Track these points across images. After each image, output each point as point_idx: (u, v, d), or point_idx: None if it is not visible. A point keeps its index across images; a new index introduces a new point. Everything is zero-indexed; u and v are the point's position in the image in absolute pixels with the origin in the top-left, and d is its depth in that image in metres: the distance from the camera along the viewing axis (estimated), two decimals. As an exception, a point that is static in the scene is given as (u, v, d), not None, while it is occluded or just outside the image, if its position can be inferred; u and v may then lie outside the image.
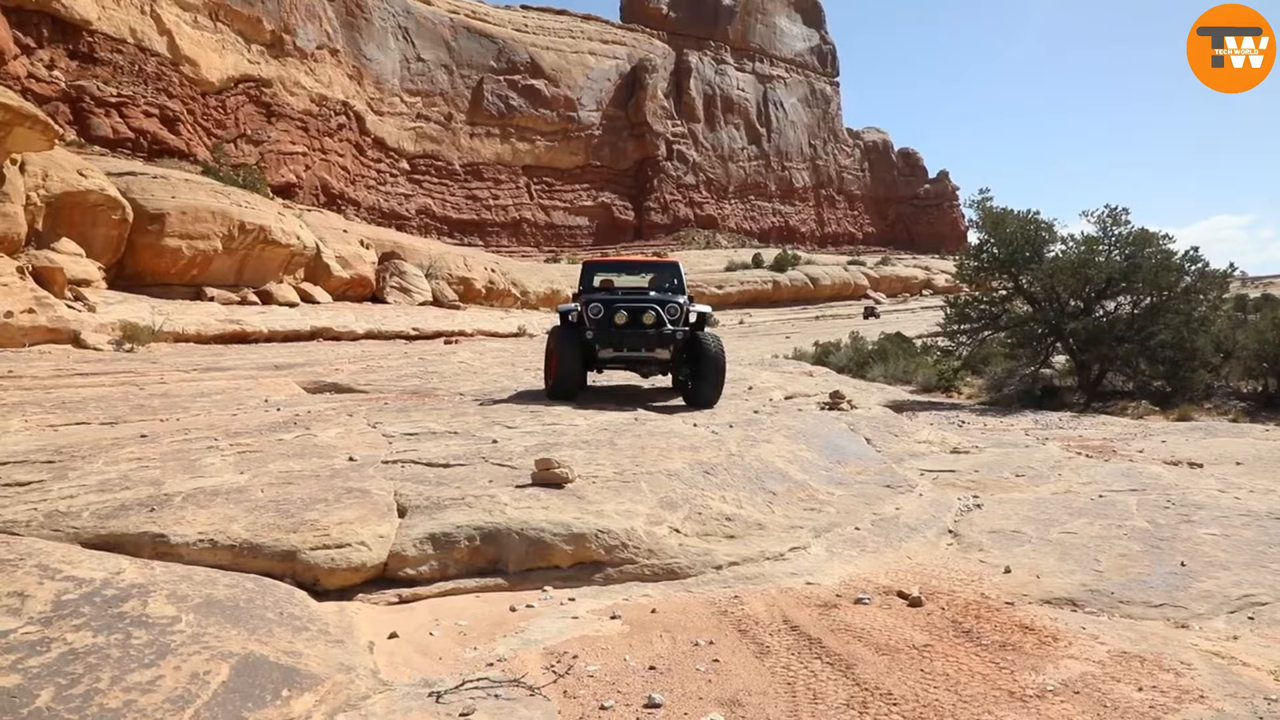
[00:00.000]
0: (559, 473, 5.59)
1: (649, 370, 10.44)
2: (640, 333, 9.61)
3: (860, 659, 3.64)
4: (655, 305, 9.75)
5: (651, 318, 9.64)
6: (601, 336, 9.60)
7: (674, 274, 11.37)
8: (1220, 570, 4.96)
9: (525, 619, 4.27)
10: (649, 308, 9.71)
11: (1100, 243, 16.51)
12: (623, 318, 9.60)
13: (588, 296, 10.04)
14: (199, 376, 11.53)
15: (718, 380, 9.87)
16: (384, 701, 3.31)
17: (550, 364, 10.22)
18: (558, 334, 10.01)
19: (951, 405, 16.14)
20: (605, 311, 9.64)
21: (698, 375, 9.90)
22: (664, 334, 9.61)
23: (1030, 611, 4.37)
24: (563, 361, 9.76)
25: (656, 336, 9.63)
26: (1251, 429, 11.31)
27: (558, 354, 9.83)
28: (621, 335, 9.59)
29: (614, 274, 12.06)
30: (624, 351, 9.75)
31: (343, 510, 5.00)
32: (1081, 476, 7.56)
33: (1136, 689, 3.33)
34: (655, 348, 9.73)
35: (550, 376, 10.21)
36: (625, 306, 9.68)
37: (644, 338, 9.64)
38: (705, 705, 3.21)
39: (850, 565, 5.24)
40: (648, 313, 9.66)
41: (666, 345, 9.71)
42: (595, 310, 9.63)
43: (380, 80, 70.70)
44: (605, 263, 13.16)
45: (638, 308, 9.72)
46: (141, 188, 23.62)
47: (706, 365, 9.71)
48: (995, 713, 3.10)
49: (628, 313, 9.63)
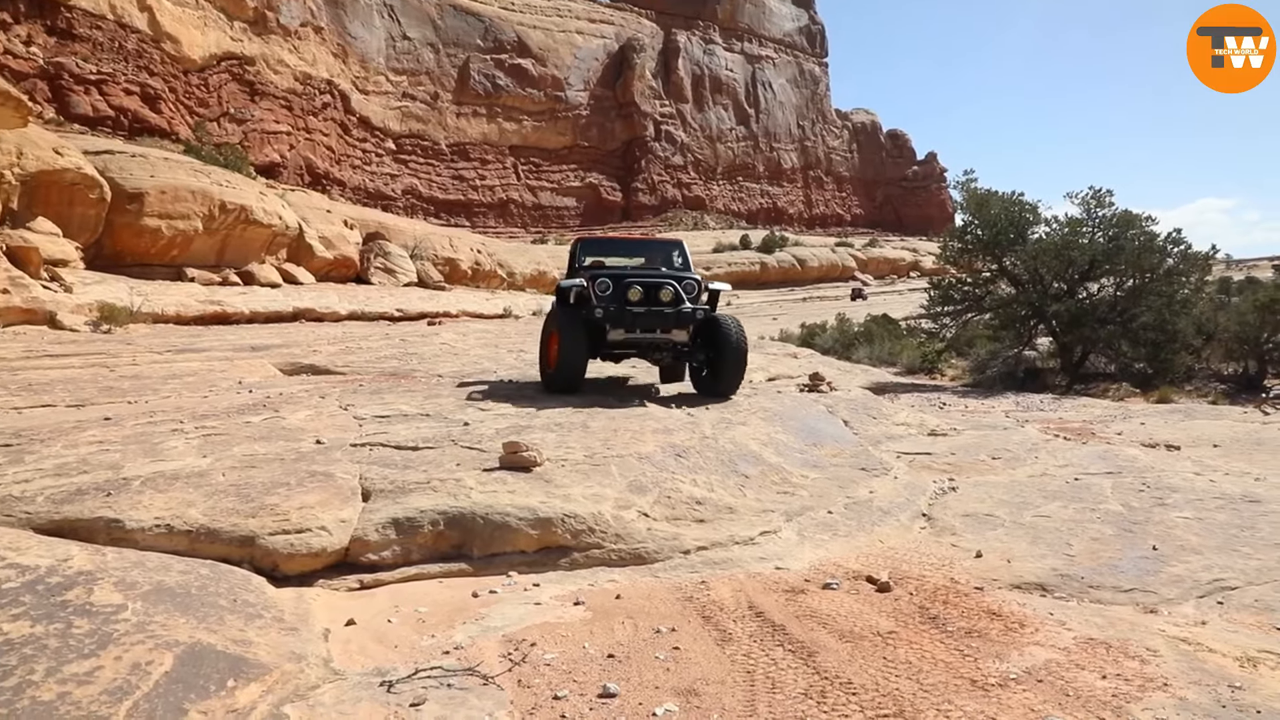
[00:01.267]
0: (527, 456, 5.50)
1: (660, 356, 9.42)
2: (656, 312, 8.55)
3: (823, 646, 3.59)
4: (672, 281, 8.80)
5: (669, 294, 8.65)
6: (612, 316, 8.50)
7: (678, 253, 10.35)
8: (1192, 554, 4.93)
9: (486, 605, 4.19)
10: (665, 283, 8.73)
11: (1083, 224, 16.45)
12: (637, 294, 8.59)
13: (594, 272, 8.98)
14: (172, 358, 11.37)
15: (739, 367, 8.96)
16: (334, 691, 3.23)
17: (549, 350, 8.98)
18: (557, 316, 8.81)
19: (934, 387, 16.11)
20: (615, 287, 8.64)
21: (717, 362, 8.94)
22: (683, 313, 8.58)
23: (999, 597, 4.33)
24: (565, 347, 8.51)
25: (675, 316, 8.57)
26: (1230, 411, 11.32)
27: (559, 338, 8.58)
28: (635, 315, 8.50)
29: (607, 254, 10.88)
30: (636, 333, 8.63)
31: (305, 494, 4.91)
32: (1058, 459, 7.52)
33: (1100, 677, 3.28)
34: (672, 328, 8.66)
35: (549, 365, 8.98)
36: (639, 282, 8.70)
37: (660, 317, 8.56)
38: (661, 695, 3.15)
39: (821, 549, 5.19)
40: (664, 289, 8.67)
41: (685, 325, 8.68)
42: (603, 286, 8.63)
43: (365, 59, 69.96)
44: (601, 240, 12.02)
45: (653, 283, 8.72)
46: (120, 166, 23.29)
47: (727, 351, 8.75)
48: (956, 702, 3.04)
49: (642, 289, 8.63)
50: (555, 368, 8.75)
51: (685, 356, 9.33)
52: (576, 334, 8.50)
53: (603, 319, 8.51)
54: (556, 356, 8.65)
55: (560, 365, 8.62)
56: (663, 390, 9.91)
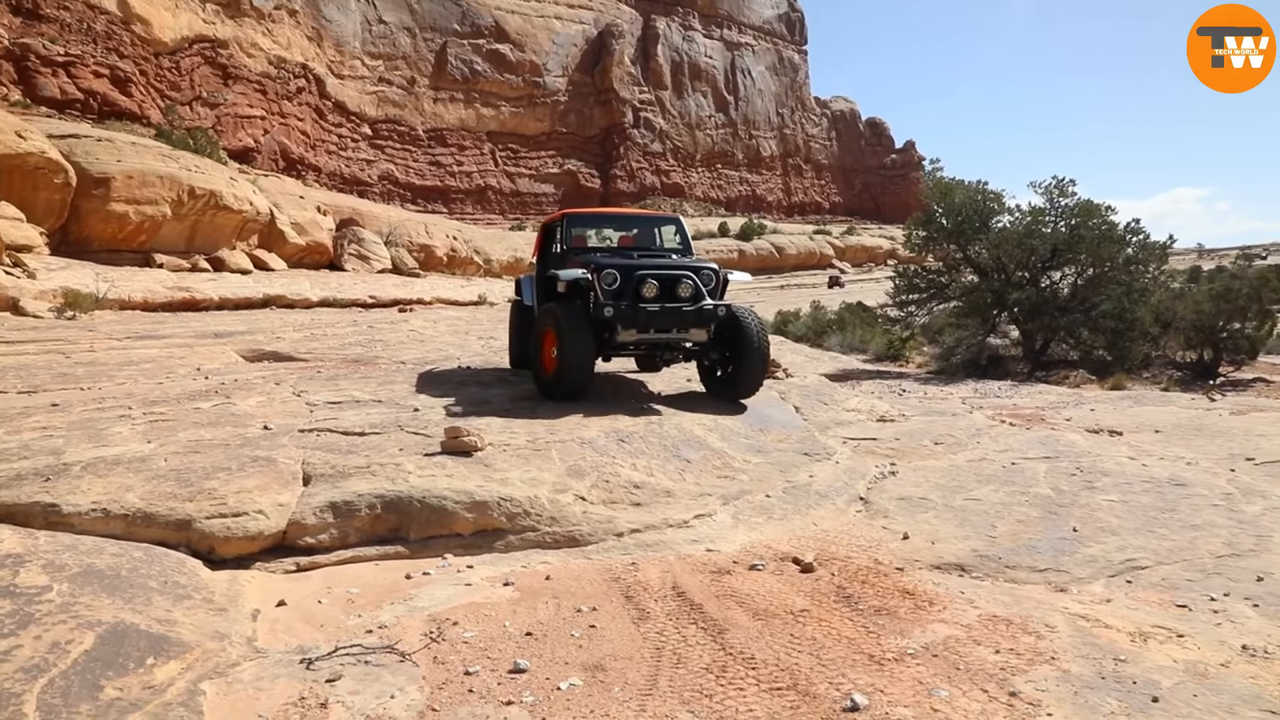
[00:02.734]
0: (468, 441, 5.60)
1: (670, 357, 8.20)
2: (675, 310, 7.43)
3: (735, 624, 3.71)
4: (690, 273, 7.62)
5: (689, 289, 7.51)
6: (624, 315, 7.29)
7: (675, 231, 9.27)
8: (1109, 536, 5.09)
9: (418, 586, 4.29)
10: (684, 276, 7.56)
11: (1045, 214, 16.67)
12: (652, 289, 7.41)
13: (598, 260, 7.69)
14: (131, 345, 11.35)
15: (760, 370, 7.96)
16: (253, 668, 3.32)
17: (544, 352, 7.73)
18: (556, 313, 7.41)
19: (898, 374, 16.30)
20: (623, 280, 7.43)
21: (736, 363, 7.92)
22: (704, 311, 7.47)
23: (917, 577, 4.47)
24: (570, 349, 7.21)
25: (695, 315, 7.46)
26: (1179, 398, 11.55)
27: (561, 339, 7.26)
28: (651, 314, 7.34)
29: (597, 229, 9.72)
30: (650, 333, 7.48)
31: (244, 479, 4.98)
32: (999, 444, 7.69)
33: (994, 652, 3.42)
34: (691, 328, 7.54)
35: (545, 370, 7.73)
36: (654, 275, 7.49)
37: (679, 316, 7.44)
38: (569, 670, 3.26)
39: (755, 532, 5.32)
40: (682, 283, 7.52)
41: (706, 325, 7.57)
42: (610, 279, 7.41)
43: (341, 42, 69.31)
44: (589, 214, 10.36)
45: (670, 276, 7.55)
46: (85, 151, 23.06)
47: (748, 351, 7.73)
48: (849, 675, 3.17)
49: (658, 283, 7.45)
50: (557, 374, 7.45)
51: (695, 356, 8.22)
52: (582, 334, 7.25)
53: (614, 318, 7.29)
54: (557, 361, 7.39)
55: (564, 371, 7.31)
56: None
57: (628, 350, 7.89)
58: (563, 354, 7.26)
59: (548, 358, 7.64)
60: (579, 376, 7.39)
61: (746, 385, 8.02)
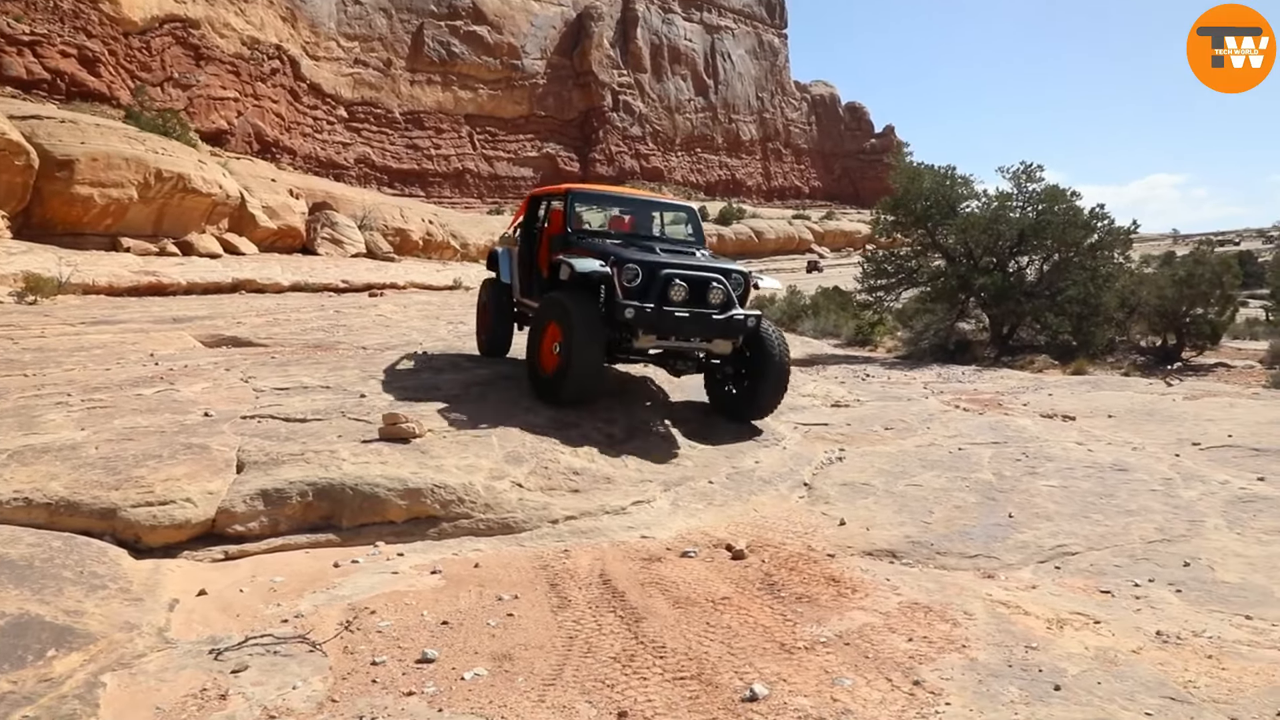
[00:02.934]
0: (406, 427, 5.55)
1: (684, 366, 7.21)
2: (703, 316, 6.58)
3: (653, 612, 3.70)
4: (720, 277, 6.78)
5: (720, 295, 6.67)
6: (647, 318, 6.44)
7: (688, 223, 8.57)
8: (1044, 521, 5.12)
9: (344, 575, 4.25)
10: (715, 280, 6.71)
11: (1011, 199, 16.71)
12: (680, 293, 6.56)
13: (619, 254, 6.69)
14: (85, 330, 11.18)
15: (780, 388, 7.21)
16: (160, 660, 3.28)
17: (544, 347, 6.92)
18: (565, 307, 6.55)
19: (866, 359, 16.33)
20: (646, 278, 6.55)
21: (755, 376, 7.12)
22: (734, 321, 6.66)
23: (847, 564, 4.47)
24: (579, 350, 6.37)
25: (724, 324, 6.63)
26: (1136, 383, 11.63)
27: (569, 337, 6.43)
28: (678, 320, 6.51)
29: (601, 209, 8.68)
30: (671, 340, 6.66)
31: (174, 467, 4.91)
32: (949, 430, 7.72)
33: (907, 640, 3.43)
34: (717, 338, 6.71)
35: (543, 369, 6.92)
36: (682, 276, 6.63)
37: (706, 324, 6.60)
38: (477, 660, 3.23)
39: (693, 519, 5.31)
40: (713, 288, 6.67)
41: (735, 336, 6.77)
42: (631, 275, 6.52)
43: (315, 23, 68.36)
44: (598, 194, 8.94)
45: (699, 278, 6.69)
46: (48, 132, 22.62)
47: (769, 367, 7.01)
48: (756, 664, 3.17)
49: (686, 285, 6.61)
50: (559, 376, 6.63)
51: (708, 368, 7.38)
52: (595, 334, 6.43)
53: (634, 320, 6.43)
54: (561, 361, 6.59)
55: (569, 374, 6.47)
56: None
57: (641, 357, 7.14)
58: (569, 355, 6.41)
59: (548, 354, 6.82)
60: (586, 382, 6.62)
61: (761, 406, 7.29)
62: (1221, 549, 4.64)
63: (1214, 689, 3.06)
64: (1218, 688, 3.07)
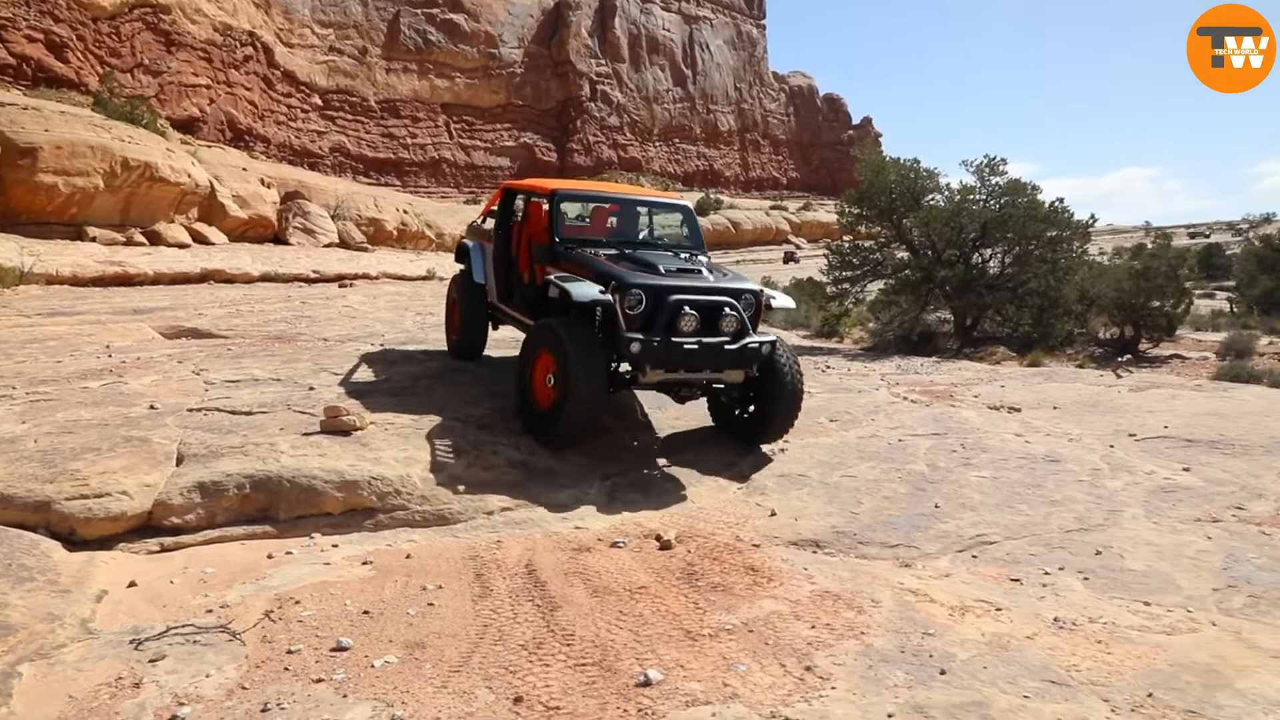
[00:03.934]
0: (346, 420, 5.62)
1: (689, 394, 6.59)
2: (714, 348, 5.92)
3: (570, 601, 3.80)
4: (733, 301, 6.11)
5: (733, 323, 6.03)
6: (655, 353, 5.76)
7: (684, 222, 7.93)
8: (968, 511, 5.26)
9: (276, 566, 4.33)
10: (727, 305, 6.04)
11: (974, 192, 16.90)
12: (691, 323, 5.85)
13: (621, 278, 5.92)
14: (40, 321, 11.14)
15: (792, 414, 6.64)
16: (80, 650, 3.35)
17: (535, 379, 6.20)
18: (561, 338, 5.79)
19: (829, 350, 16.49)
20: (651, 304, 5.85)
21: (766, 399, 6.51)
22: (748, 351, 6.03)
23: (769, 553, 4.59)
24: (577, 386, 5.67)
25: (737, 354, 6.00)
26: (1088, 375, 11.83)
27: (567, 371, 5.70)
28: (688, 353, 5.82)
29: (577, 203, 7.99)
30: (679, 373, 6.00)
31: (112, 459, 4.97)
32: (892, 421, 7.85)
33: (810, 627, 3.56)
34: (728, 368, 6.07)
35: (537, 402, 6.17)
36: (692, 302, 5.92)
37: (717, 355, 5.95)
38: (390, 648, 3.33)
39: (628, 510, 5.41)
40: (726, 314, 6.01)
41: (748, 366, 6.12)
42: (635, 301, 5.83)
43: (289, 10, 67.71)
44: (584, 193, 8.34)
45: (710, 304, 6.00)
46: (10, 120, 22.38)
47: (781, 393, 6.41)
48: (658, 651, 3.28)
49: (698, 314, 5.89)
50: (554, 412, 5.92)
51: (716, 392, 6.76)
52: (592, 366, 5.75)
53: (641, 355, 5.75)
54: (557, 396, 5.88)
55: (568, 412, 5.77)
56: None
57: (646, 389, 6.45)
58: (568, 391, 5.72)
59: (540, 387, 6.15)
60: (585, 420, 6.02)
61: (772, 432, 6.71)
62: (1134, 538, 4.80)
63: (1095, 672, 3.20)
64: (1099, 671, 3.21)
